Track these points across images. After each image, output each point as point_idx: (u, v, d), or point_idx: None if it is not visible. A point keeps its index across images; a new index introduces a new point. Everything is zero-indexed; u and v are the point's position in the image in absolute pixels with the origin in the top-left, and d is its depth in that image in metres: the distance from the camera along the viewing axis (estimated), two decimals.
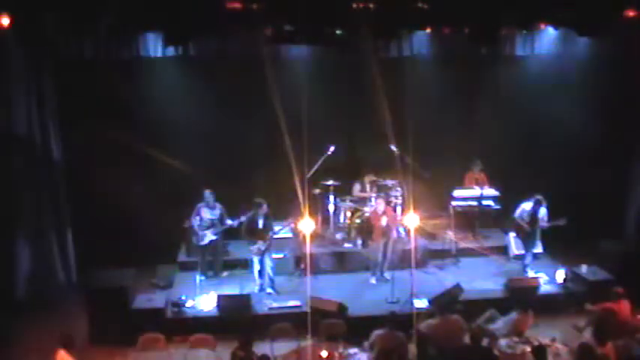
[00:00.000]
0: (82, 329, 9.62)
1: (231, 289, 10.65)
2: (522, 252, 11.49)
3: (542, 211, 10.94)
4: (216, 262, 11.33)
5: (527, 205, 10.97)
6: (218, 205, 11.03)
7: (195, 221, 10.96)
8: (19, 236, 10.77)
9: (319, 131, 11.07)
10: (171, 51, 11.46)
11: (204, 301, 10.12)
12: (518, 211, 11.06)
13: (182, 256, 11.79)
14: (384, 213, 10.84)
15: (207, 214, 10.97)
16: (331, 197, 12.25)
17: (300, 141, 10.31)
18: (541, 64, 12.49)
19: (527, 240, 11.17)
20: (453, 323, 8.38)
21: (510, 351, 7.94)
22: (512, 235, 11.74)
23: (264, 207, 10.50)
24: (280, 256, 11.17)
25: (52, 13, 9.81)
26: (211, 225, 10.97)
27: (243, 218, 10.71)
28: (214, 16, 10.16)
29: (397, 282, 10.25)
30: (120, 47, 11.23)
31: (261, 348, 8.14)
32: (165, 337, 8.71)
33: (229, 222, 10.93)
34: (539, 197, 10.90)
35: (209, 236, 10.97)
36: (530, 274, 10.98)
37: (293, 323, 8.92)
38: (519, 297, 9.73)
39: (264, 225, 10.50)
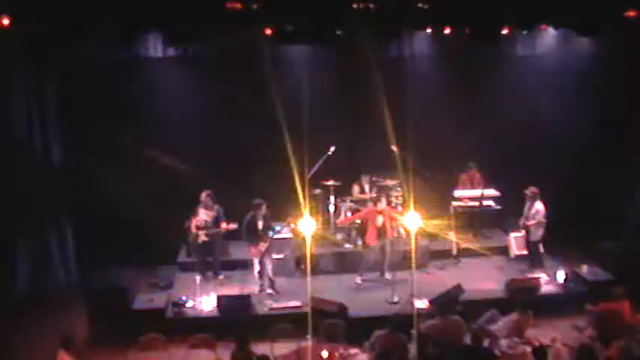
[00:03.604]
0: (82, 329, 9.62)
1: (232, 290, 10.65)
2: (524, 252, 11.51)
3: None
4: (215, 263, 11.32)
5: (540, 205, 10.91)
6: (216, 207, 11.03)
7: (192, 222, 10.96)
8: (19, 236, 10.76)
9: (319, 131, 11.08)
10: (171, 51, 11.47)
11: (204, 302, 10.11)
12: (542, 213, 10.95)
13: (182, 257, 11.77)
14: (381, 212, 10.84)
15: (202, 215, 10.98)
16: (331, 197, 12.25)
17: (301, 141, 10.31)
18: (541, 64, 12.49)
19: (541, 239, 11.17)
20: (454, 324, 8.37)
21: (511, 351, 7.92)
22: (513, 235, 11.73)
23: (264, 207, 10.50)
24: (280, 256, 11.17)
25: (52, 13, 9.81)
26: (204, 226, 10.97)
27: (232, 226, 10.79)
28: (214, 16, 10.17)
29: (397, 282, 10.24)
30: (120, 47, 11.24)
31: (261, 348, 8.14)
32: (165, 338, 8.71)
33: (223, 225, 10.94)
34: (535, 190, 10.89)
35: (201, 237, 10.97)
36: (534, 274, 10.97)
37: (293, 324, 8.91)
38: (520, 297, 9.71)
39: (264, 225, 10.50)
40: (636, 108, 12.01)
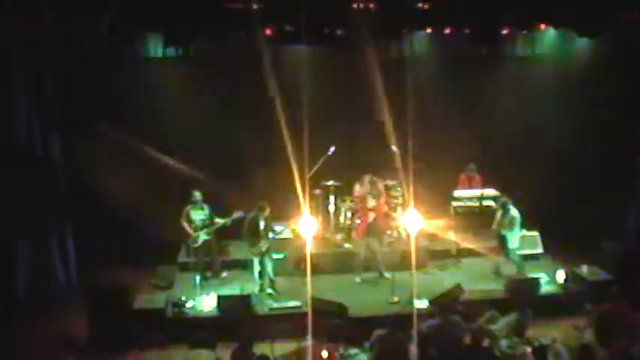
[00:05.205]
0: (82, 329, 9.62)
1: (232, 290, 10.65)
2: (526, 252, 11.58)
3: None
4: (214, 263, 11.32)
5: (515, 212, 10.92)
6: (205, 205, 11.01)
7: (186, 223, 10.94)
8: (19, 236, 10.77)
9: (319, 131, 11.06)
10: (171, 51, 11.48)
11: (204, 302, 10.12)
12: (518, 220, 10.96)
13: (182, 257, 11.77)
14: (372, 210, 10.87)
15: (196, 215, 10.94)
16: (331, 198, 12.25)
17: (301, 141, 10.31)
18: (540, 64, 12.49)
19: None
20: (454, 324, 8.37)
21: (511, 351, 7.93)
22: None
23: (267, 210, 10.50)
24: (280, 256, 11.17)
25: (53, 13, 9.82)
26: (203, 226, 10.97)
27: (235, 216, 10.73)
28: (214, 16, 10.17)
29: (398, 282, 10.24)
30: (120, 47, 11.25)
31: (261, 348, 8.14)
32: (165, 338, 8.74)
33: (219, 220, 10.93)
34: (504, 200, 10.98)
35: (202, 237, 10.96)
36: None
37: (293, 324, 8.92)
38: (520, 297, 9.72)
39: (265, 226, 10.51)
40: (636, 107, 12.01)
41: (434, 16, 10.85)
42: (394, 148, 11.74)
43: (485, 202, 12.03)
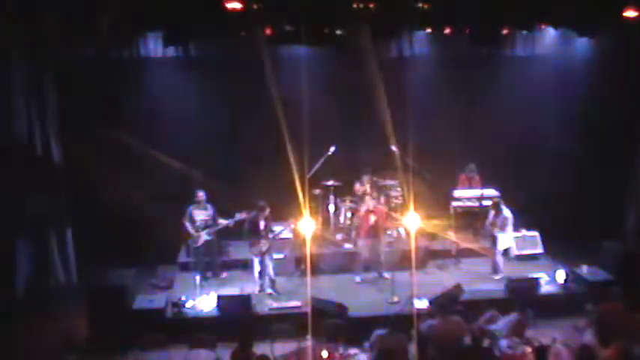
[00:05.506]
0: (82, 329, 9.61)
1: (232, 290, 10.65)
2: (524, 252, 11.57)
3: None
4: (215, 263, 11.31)
5: (508, 212, 10.95)
6: (209, 205, 11.01)
7: (188, 223, 10.93)
8: (19, 236, 10.76)
9: (319, 131, 11.08)
10: (171, 51, 11.49)
11: (204, 302, 10.11)
12: (511, 220, 10.99)
13: (182, 257, 11.77)
14: (373, 211, 10.88)
15: (199, 215, 10.94)
16: (332, 198, 12.26)
17: (301, 141, 10.32)
18: (541, 64, 12.49)
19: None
20: (454, 324, 8.37)
21: (511, 351, 7.92)
22: (513, 235, 11.72)
23: (267, 210, 10.51)
24: (280, 256, 11.17)
25: (52, 13, 9.82)
26: (205, 226, 10.95)
27: (238, 217, 10.71)
28: (214, 16, 10.17)
29: (397, 282, 10.24)
30: (120, 47, 11.26)
31: (261, 348, 8.14)
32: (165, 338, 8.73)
33: (222, 221, 10.92)
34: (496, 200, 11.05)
35: (203, 237, 10.95)
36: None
37: (293, 324, 8.92)
38: (520, 297, 9.72)
39: (265, 226, 10.51)
40: (636, 107, 12.01)
41: (434, 16, 10.83)
42: (394, 148, 11.74)
43: (485, 202, 12.03)
